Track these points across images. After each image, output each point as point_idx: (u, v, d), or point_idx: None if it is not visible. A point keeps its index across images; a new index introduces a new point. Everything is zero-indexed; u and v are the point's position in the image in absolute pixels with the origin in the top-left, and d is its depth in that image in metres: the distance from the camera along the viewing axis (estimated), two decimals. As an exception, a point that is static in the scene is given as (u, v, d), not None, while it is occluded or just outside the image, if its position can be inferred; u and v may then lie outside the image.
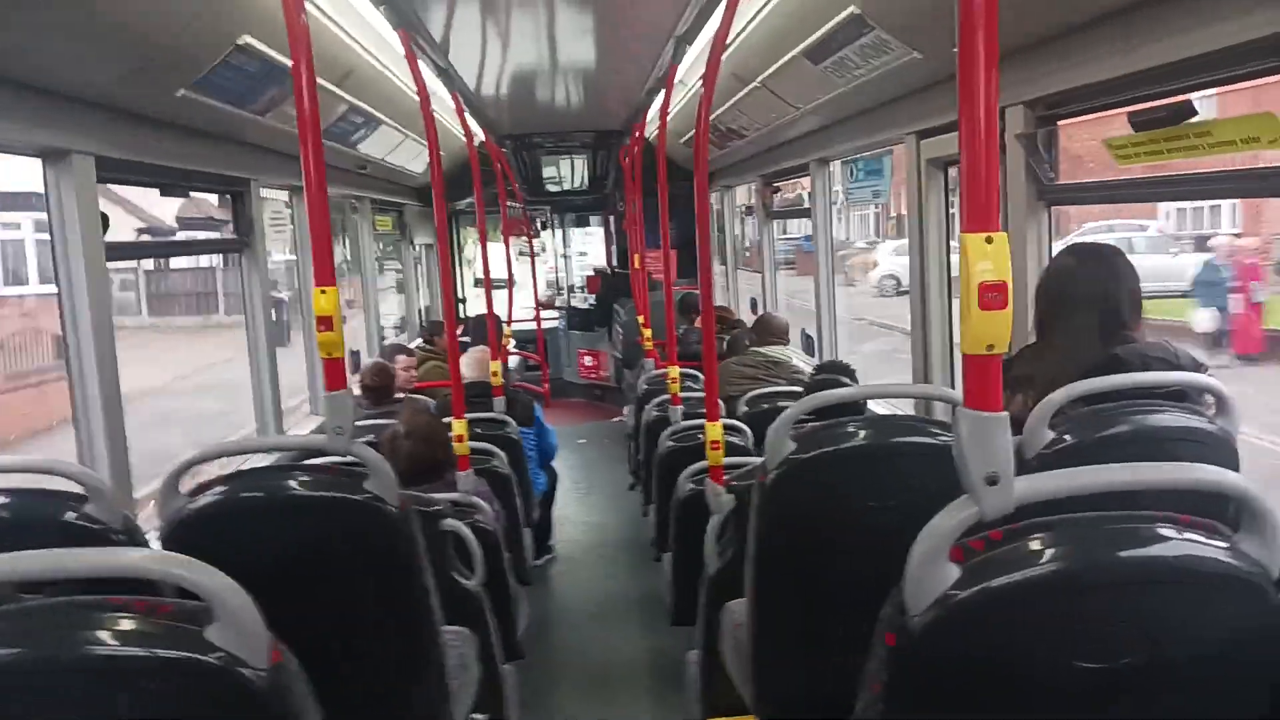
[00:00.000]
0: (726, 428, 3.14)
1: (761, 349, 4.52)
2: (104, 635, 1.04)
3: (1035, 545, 1.03)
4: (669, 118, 4.61)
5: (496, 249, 7.53)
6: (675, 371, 3.90)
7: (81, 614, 1.06)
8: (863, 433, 1.92)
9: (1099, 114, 2.30)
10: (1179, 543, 1.04)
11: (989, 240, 1.02)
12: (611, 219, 9.48)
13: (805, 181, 4.85)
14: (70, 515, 1.86)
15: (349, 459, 1.94)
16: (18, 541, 1.15)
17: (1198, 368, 1.93)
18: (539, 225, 9.61)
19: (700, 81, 2.76)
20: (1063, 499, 1.08)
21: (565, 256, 10.15)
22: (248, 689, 1.05)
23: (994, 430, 1.04)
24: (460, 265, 9.34)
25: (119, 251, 2.93)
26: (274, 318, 4.15)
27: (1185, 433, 1.73)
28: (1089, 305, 2.00)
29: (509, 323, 6.31)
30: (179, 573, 1.09)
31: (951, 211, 3.22)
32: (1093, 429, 1.74)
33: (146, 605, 1.07)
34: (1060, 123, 2.42)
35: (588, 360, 9.31)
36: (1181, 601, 1.03)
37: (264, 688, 1.06)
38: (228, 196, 3.90)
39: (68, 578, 1.13)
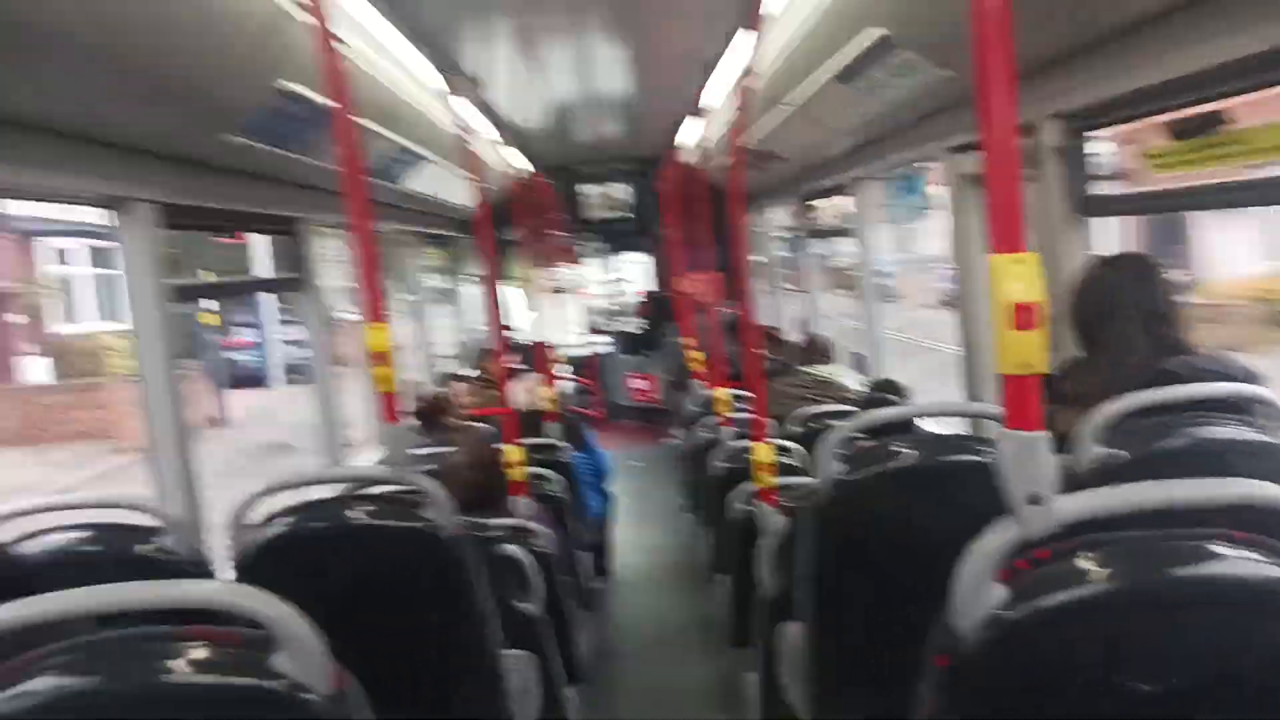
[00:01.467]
0: (778, 448, 3.15)
1: (809, 369, 4.53)
2: (174, 664, 1.09)
3: (1083, 564, 1.02)
4: (706, 143, 4.68)
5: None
6: (723, 393, 3.92)
7: (152, 645, 1.11)
8: (913, 452, 1.92)
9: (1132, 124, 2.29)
10: (1233, 560, 1.02)
11: (1018, 261, 1.03)
12: (655, 244, 9.55)
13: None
14: (146, 548, 1.95)
15: (408, 487, 2.02)
16: (96, 574, 1.21)
17: (1251, 379, 1.90)
18: (583, 253, 9.73)
19: (732, 106, 2.81)
20: (1120, 518, 1.07)
21: (613, 282, 10.24)
22: (312, 714, 1.08)
23: (1035, 449, 1.05)
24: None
25: (186, 293, 3.05)
26: None
27: (1241, 445, 1.69)
28: (1135, 316, 1.96)
29: (558, 349, 6.39)
30: (240, 602, 1.13)
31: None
32: (1145, 443, 1.70)
33: (214, 635, 1.12)
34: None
35: (639, 383, 9.35)
36: (1236, 621, 1.01)
37: (327, 713, 1.09)
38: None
39: (137, 609, 1.18)
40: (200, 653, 1.10)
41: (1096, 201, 2.41)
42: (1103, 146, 2.50)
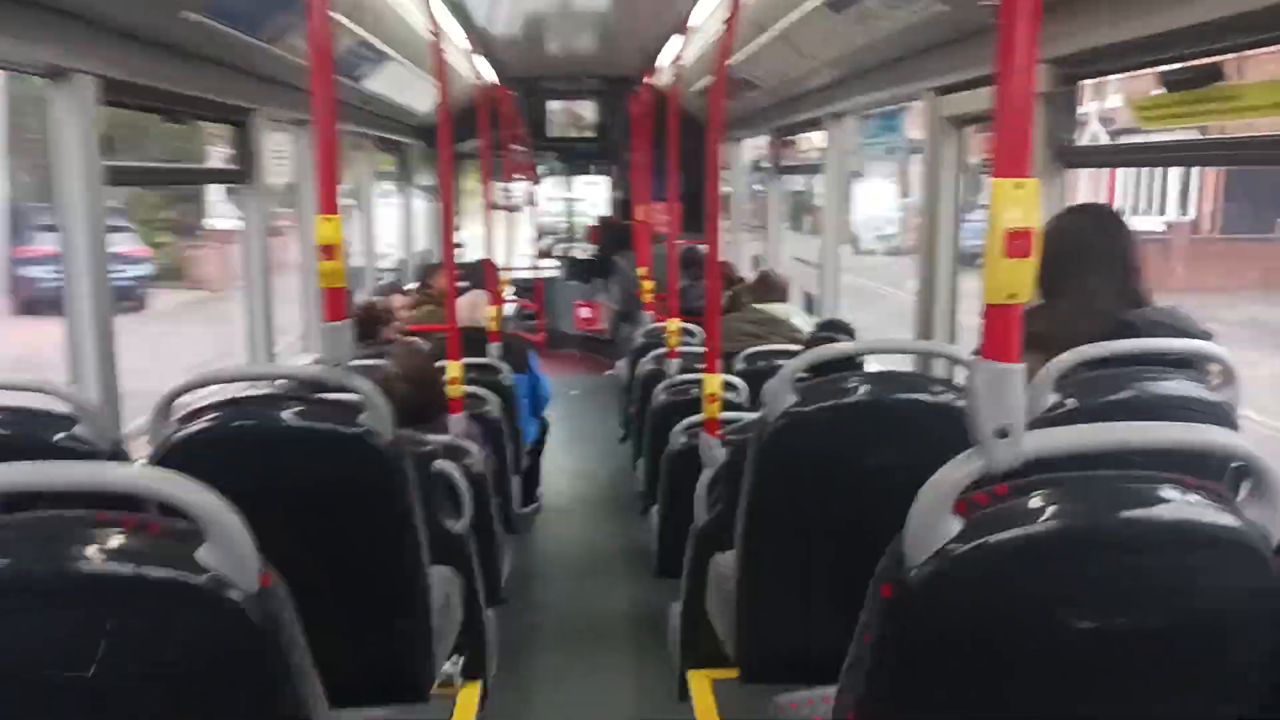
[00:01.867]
0: (723, 384, 3.12)
1: (761, 306, 4.50)
2: (91, 551, 1.02)
3: (1039, 502, 1.02)
4: (682, 66, 4.53)
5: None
6: (674, 324, 3.88)
7: (69, 529, 1.04)
8: (865, 387, 1.90)
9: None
10: (1183, 504, 1.03)
11: (1019, 186, 1.00)
12: (616, 168, 9.37)
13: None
14: (59, 436, 1.84)
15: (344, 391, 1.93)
16: (3, 459, 1.11)
17: (1205, 335, 1.91)
18: (544, 171, 9.51)
19: (716, 27, 2.69)
20: (1069, 460, 1.06)
21: (569, 203, 10.04)
22: (236, 611, 1.04)
23: (1009, 382, 1.03)
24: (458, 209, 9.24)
25: (119, 176, 2.89)
26: None
27: (1187, 401, 1.73)
28: (1097, 264, 1.97)
29: (506, 269, 6.26)
30: (171, 491, 1.07)
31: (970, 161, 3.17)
32: (1096, 393, 1.73)
33: (135, 523, 1.05)
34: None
35: (584, 312, 9.26)
36: (1183, 563, 1.02)
37: (252, 610, 1.05)
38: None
39: (54, 491, 1.10)
40: (119, 540, 1.03)
41: (1077, 151, 2.38)
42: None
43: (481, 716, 2.71)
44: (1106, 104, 10.64)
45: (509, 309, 7.20)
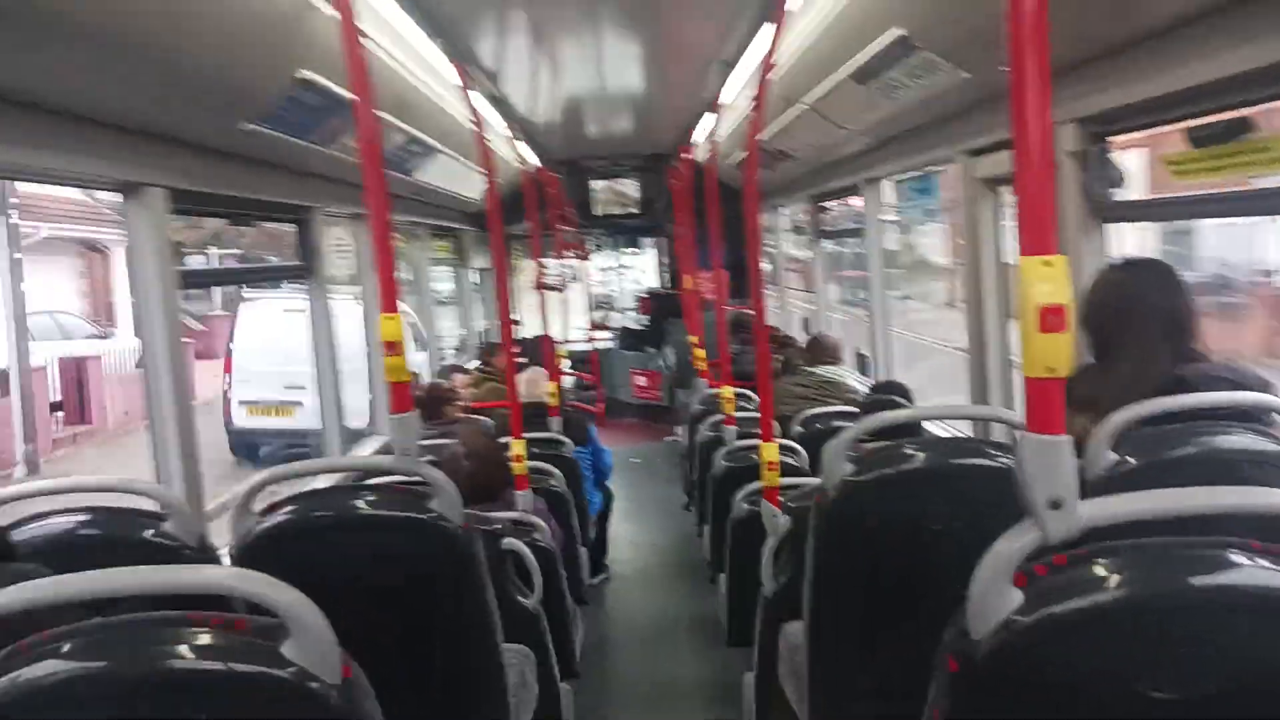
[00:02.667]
0: (781, 448, 3.14)
1: (815, 369, 4.52)
2: (182, 650, 1.07)
3: (1100, 570, 1.01)
4: (718, 140, 4.65)
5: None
6: (729, 391, 3.92)
7: (160, 630, 1.09)
8: (922, 454, 1.90)
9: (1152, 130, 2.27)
10: (1251, 569, 1.01)
11: (1047, 263, 1.02)
12: (663, 240, 9.55)
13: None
14: (148, 533, 1.92)
15: (414, 479, 2.01)
16: (99, 559, 1.19)
17: (1265, 388, 1.88)
18: (593, 247, 9.73)
19: (746, 104, 2.80)
20: (1129, 524, 1.06)
21: (619, 276, 10.23)
22: (321, 703, 1.07)
23: (1057, 453, 1.03)
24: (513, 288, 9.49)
25: (191, 279, 3.04)
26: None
27: (1254, 455, 1.68)
28: (1153, 322, 1.94)
29: (563, 343, 6.39)
30: (257, 590, 1.12)
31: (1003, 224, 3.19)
32: (1157, 451, 1.70)
33: (223, 621, 1.11)
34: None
35: (640, 380, 9.34)
36: (1254, 629, 1.00)
37: (336, 702, 1.08)
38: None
39: (148, 594, 1.16)
40: (208, 638, 1.09)
41: (1115, 207, 2.39)
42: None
43: None
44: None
45: (567, 382, 7.30)
